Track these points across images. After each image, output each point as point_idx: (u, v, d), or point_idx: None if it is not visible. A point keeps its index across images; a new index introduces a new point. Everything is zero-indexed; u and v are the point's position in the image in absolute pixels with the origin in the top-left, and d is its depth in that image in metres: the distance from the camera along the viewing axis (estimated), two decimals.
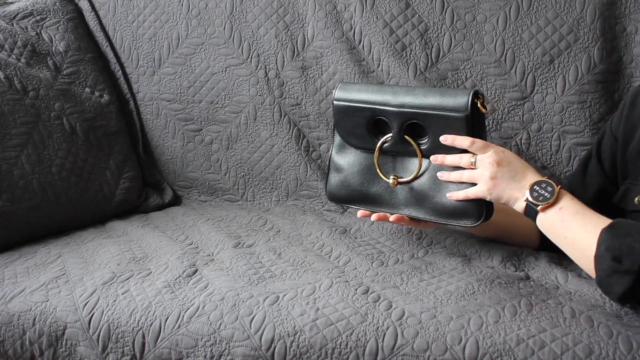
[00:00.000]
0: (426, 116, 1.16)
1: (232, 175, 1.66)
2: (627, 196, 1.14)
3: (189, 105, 1.68)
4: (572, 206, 1.05)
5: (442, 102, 1.15)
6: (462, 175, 1.14)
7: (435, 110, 1.15)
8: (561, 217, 1.04)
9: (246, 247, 1.32)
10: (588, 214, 1.04)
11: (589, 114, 1.46)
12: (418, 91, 1.18)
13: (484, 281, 1.11)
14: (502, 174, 1.10)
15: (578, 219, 1.03)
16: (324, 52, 1.60)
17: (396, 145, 1.21)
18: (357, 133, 1.24)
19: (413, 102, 1.18)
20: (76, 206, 1.50)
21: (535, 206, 1.06)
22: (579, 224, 1.02)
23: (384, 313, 1.02)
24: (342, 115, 1.25)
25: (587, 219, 1.02)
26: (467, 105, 1.13)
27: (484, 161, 1.11)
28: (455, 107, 1.14)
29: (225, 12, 1.66)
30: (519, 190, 1.09)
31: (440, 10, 1.54)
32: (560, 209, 1.05)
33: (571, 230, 1.03)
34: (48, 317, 1.12)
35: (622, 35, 1.46)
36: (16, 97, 1.48)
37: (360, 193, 1.26)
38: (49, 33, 1.66)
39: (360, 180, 1.26)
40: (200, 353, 1.05)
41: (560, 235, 1.05)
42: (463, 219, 1.16)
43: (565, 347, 0.94)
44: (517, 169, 1.10)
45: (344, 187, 1.27)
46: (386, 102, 1.20)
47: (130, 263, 1.25)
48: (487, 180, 1.10)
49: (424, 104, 1.17)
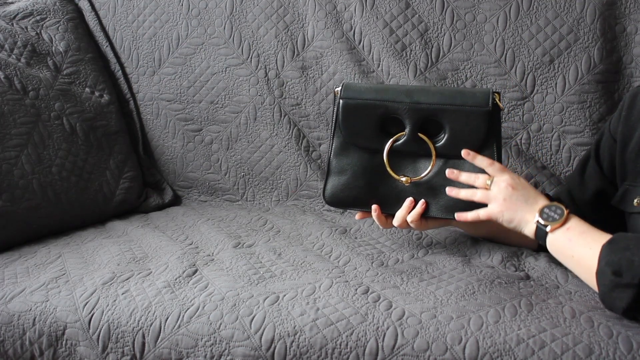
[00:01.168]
0: (445, 112, 1.18)
1: (232, 175, 1.66)
2: (626, 198, 1.14)
3: (189, 105, 1.68)
4: (579, 226, 1.06)
5: (463, 98, 1.17)
6: (475, 195, 1.15)
7: (457, 106, 1.17)
8: (568, 236, 1.06)
9: (246, 247, 1.32)
10: (593, 232, 1.05)
11: (589, 114, 1.46)
12: (432, 89, 1.20)
13: (484, 281, 1.11)
14: (516, 197, 1.11)
15: (583, 238, 1.04)
16: (324, 52, 1.60)
17: (408, 144, 1.21)
18: (365, 132, 1.22)
19: (430, 99, 1.19)
20: (76, 206, 1.50)
21: (544, 227, 1.08)
22: (584, 242, 1.04)
23: (384, 313, 1.02)
24: (350, 114, 1.23)
25: (591, 237, 1.04)
26: (488, 100, 1.16)
27: (499, 184, 1.13)
28: (475, 103, 1.17)
29: (225, 12, 1.66)
30: (530, 214, 1.10)
31: (440, 10, 1.54)
32: (568, 229, 1.06)
33: (577, 250, 1.04)
34: (48, 317, 1.12)
35: (622, 35, 1.46)
36: (16, 97, 1.48)
37: (365, 195, 1.24)
38: (49, 33, 1.66)
39: (366, 181, 1.23)
40: (200, 353, 1.05)
41: (568, 255, 1.06)
42: None
43: (566, 347, 0.94)
44: (529, 194, 1.12)
45: (347, 189, 1.24)
46: (400, 100, 1.20)
47: (130, 263, 1.25)
48: (501, 202, 1.12)
49: (442, 100, 1.18)
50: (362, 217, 1.27)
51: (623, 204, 1.15)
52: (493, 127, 1.18)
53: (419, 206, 1.20)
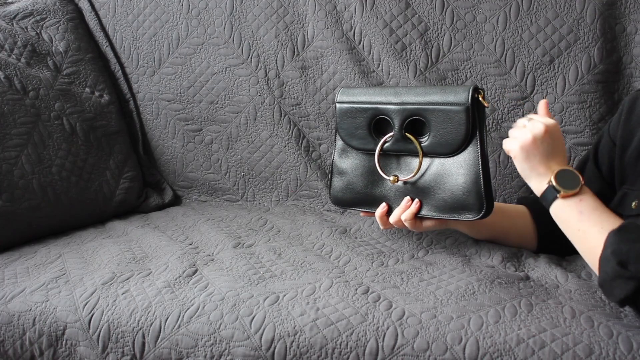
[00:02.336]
0: (427, 111, 1.18)
1: (232, 175, 1.66)
2: (625, 201, 1.14)
3: (189, 105, 1.68)
4: (593, 201, 1.04)
5: (443, 97, 1.17)
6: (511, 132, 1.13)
7: (437, 105, 1.17)
8: (580, 208, 1.03)
9: (246, 247, 1.32)
10: (606, 212, 1.03)
11: (589, 114, 1.46)
12: (419, 89, 1.20)
13: (484, 281, 1.11)
14: (543, 142, 1.08)
15: (596, 215, 1.02)
16: (324, 52, 1.60)
17: (397, 144, 1.22)
18: (359, 134, 1.25)
19: (414, 98, 1.19)
20: (76, 206, 1.50)
21: (557, 191, 1.05)
22: (595, 220, 1.02)
23: (384, 313, 1.02)
24: (344, 117, 1.26)
25: (605, 217, 1.02)
26: (467, 98, 1.15)
27: (536, 122, 1.10)
28: (455, 101, 1.16)
29: (225, 12, 1.66)
30: (545, 168, 1.07)
31: (440, 10, 1.54)
32: (581, 200, 1.04)
33: (586, 224, 1.02)
34: (48, 317, 1.12)
35: (622, 35, 1.46)
36: (16, 97, 1.48)
37: (365, 195, 1.26)
38: (49, 33, 1.66)
39: (365, 183, 1.26)
40: (200, 353, 1.05)
41: (574, 227, 1.04)
42: (464, 213, 1.17)
43: (566, 347, 0.94)
44: (557, 148, 1.08)
45: (348, 190, 1.28)
46: (388, 101, 1.21)
47: (130, 263, 1.25)
48: (529, 138, 1.08)
49: (425, 99, 1.18)
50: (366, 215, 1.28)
51: (621, 207, 1.14)
52: (475, 124, 1.16)
53: (413, 205, 1.20)
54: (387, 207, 1.23)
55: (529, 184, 1.11)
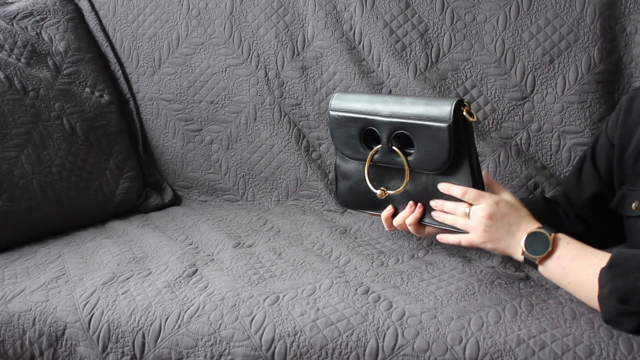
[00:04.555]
0: (412, 126, 1.15)
1: (232, 175, 1.66)
2: (624, 202, 1.13)
3: (189, 105, 1.68)
4: (569, 252, 1.03)
5: (427, 112, 1.12)
6: (457, 222, 1.13)
7: (421, 120, 1.13)
8: (560, 265, 1.03)
9: (246, 247, 1.32)
10: (586, 256, 1.01)
11: (589, 114, 1.46)
12: (407, 100, 1.16)
13: (484, 281, 1.11)
14: (496, 228, 1.08)
15: (577, 264, 1.01)
16: (324, 52, 1.60)
17: (385, 157, 1.20)
18: (350, 143, 1.24)
19: (400, 111, 1.16)
20: (76, 206, 1.50)
21: (533, 260, 1.05)
22: (579, 269, 1.01)
23: (384, 313, 1.02)
24: (336, 125, 1.24)
25: (586, 262, 1.00)
26: (449, 114, 1.10)
27: (477, 214, 1.10)
28: (438, 117, 1.11)
29: (225, 12, 1.66)
30: (514, 245, 1.07)
31: (440, 10, 1.54)
32: (558, 257, 1.03)
33: (573, 277, 1.01)
34: (48, 317, 1.12)
35: (622, 36, 1.46)
36: (16, 97, 1.47)
37: (370, 199, 1.25)
38: (49, 33, 1.66)
39: (367, 188, 1.24)
40: (200, 353, 1.05)
41: (564, 282, 1.04)
42: None
43: (566, 347, 0.94)
44: (511, 221, 1.08)
45: (353, 193, 1.27)
46: (377, 112, 1.19)
47: (130, 263, 1.25)
48: (481, 232, 1.09)
49: (410, 113, 1.14)
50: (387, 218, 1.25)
51: (621, 207, 1.14)
52: (461, 139, 1.12)
53: (417, 211, 1.20)
54: (393, 210, 1.23)
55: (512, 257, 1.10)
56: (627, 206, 1.12)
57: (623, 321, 0.95)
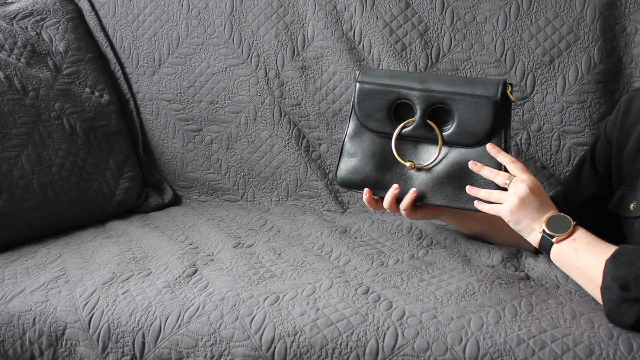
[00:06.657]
0: (454, 100, 1.19)
1: (232, 175, 1.66)
2: (623, 202, 1.14)
3: (189, 105, 1.68)
4: (585, 237, 1.05)
5: (472, 88, 1.18)
6: (491, 195, 1.14)
7: (465, 95, 1.18)
8: (574, 247, 1.05)
9: (246, 247, 1.32)
10: (600, 244, 1.04)
11: (589, 114, 1.46)
12: (445, 77, 1.22)
13: (484, 281, 1.11)
14: (530, 202, 1.10)
15: (590, 249, 1.03)
16: (324, 52, 1.60)
17: (417, 130, 1.22)
18: (377, 116, 1.25)
19: (440, 87, 1.20)
20: (76, 206, 1.50)
21: (551, 237, 1.07)
22: (590, 254, 1.03)
23: (384, 313, 1.02)
24: (364, 97, 1.25)
25: (598, 249, 1.03)
26: (497, 92, 1.17)
27: (518, 184, 1.11)
28: (485, 93, 1.17)
29: (225, 12, 1.66)
30: (537, 222, 1.09)
31: (440, 10, 1.54)
32: (574, 240, 1.06)
33: (583, 261, 1.03)
34: (48, 317, 1.12)
35: (622, 35, 1.46)
36: (16, 97, 1.48)
37: (373, 178, 1.25)
38: (49, 33, 1.66)
39: (375, 165, 1.25)
40: (200, 353, 1.05)
41: (573, 266, 1.05)
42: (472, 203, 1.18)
43: (566, 347, 0.94)
44: (543, 202, 1.11)
45: (357, 172, 1.26)
46: (412, 86, 1.22)
47: (130, 263, 1.25)
48: (515, 202, 1.10)
49: (452, 89, 1.19)
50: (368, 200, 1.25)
51: (619, 208, 1.14)
52: (501, 118, 1.18)
53: (410, 194, 1.20)
54: (399, 190, 1.22)
55: (526, 239, 1.12)
56: (625, 207, 1.12)
57: (624, 311, 0.95)
